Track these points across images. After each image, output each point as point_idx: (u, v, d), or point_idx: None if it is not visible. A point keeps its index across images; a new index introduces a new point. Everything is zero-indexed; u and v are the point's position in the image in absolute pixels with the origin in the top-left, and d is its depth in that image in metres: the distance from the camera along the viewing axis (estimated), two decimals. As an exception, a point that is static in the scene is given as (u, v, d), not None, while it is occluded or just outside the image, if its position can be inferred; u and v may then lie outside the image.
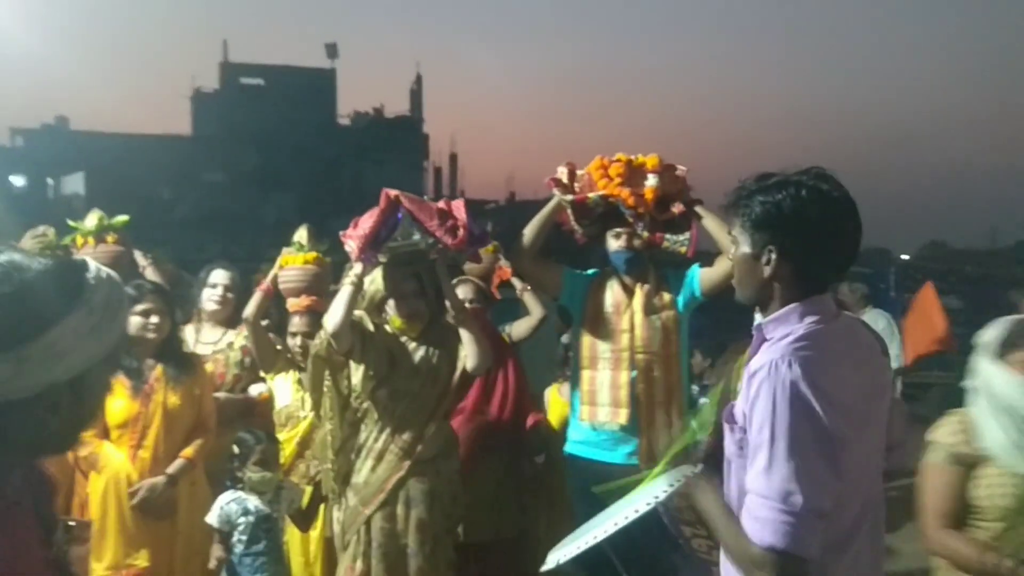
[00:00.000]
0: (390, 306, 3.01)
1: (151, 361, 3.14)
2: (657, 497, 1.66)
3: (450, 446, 3.08)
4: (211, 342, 3.72)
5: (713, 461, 1.71)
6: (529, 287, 3.77)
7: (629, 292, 3.13)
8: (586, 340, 3.13)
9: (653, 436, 3.00)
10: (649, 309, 3.07)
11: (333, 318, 2.86)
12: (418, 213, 2.87)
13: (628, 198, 2.97)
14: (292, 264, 3.53)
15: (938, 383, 8.23)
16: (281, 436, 3.35)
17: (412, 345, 3.02)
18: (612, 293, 3.13)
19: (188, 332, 3.78)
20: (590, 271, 3.27)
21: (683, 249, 3.08)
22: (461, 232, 2.86)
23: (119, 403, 3.06)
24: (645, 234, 3.08)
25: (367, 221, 2.91)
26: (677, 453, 1.78)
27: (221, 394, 3.52)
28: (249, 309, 3.37)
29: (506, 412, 3.55)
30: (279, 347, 3.54)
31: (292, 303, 3.51)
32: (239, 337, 3.67)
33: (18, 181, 27.12)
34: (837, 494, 1.48)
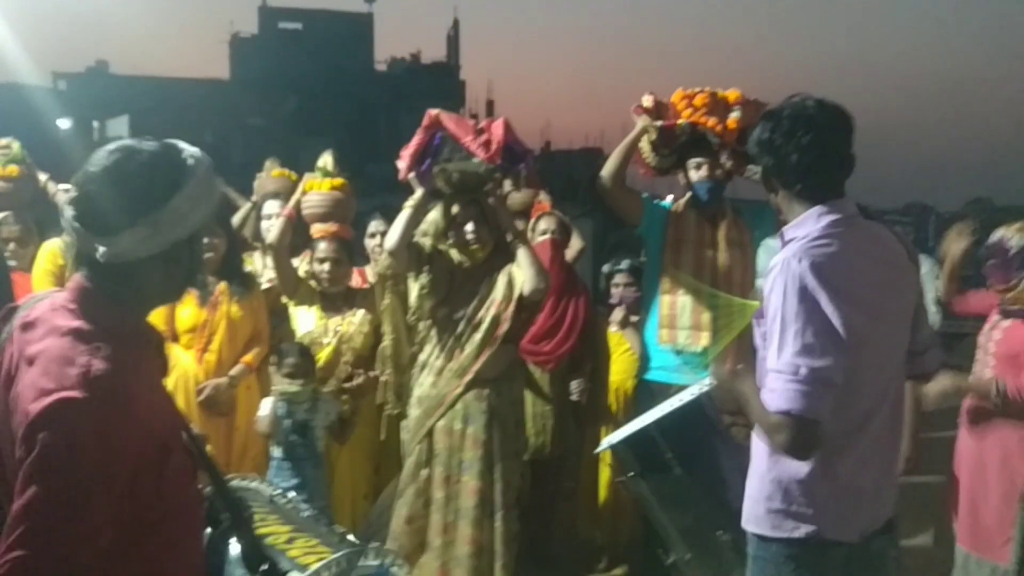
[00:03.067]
0: (454, 232, 3.14)
1: (213, 278, 3.43)
2: (702, 388, 1.87)
3: (513, 371, 3.20)
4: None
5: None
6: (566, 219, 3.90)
7: (711, 223, 3.24)
8: (668, 267, 3.25)
9: (731, 360, 3.15)
10: (730, 241, 3.20)
11: (392, 236, 3.05)
12: (455, 130, 2.99)
13: (716, 126, 3.07)
14: (317, 190, 3.58)
15: (972, 333, 8.26)
16: None
17: (473, 269, 3.15)
18: (694, 223, 3.24)
19: (256, 260, 4.07)
20: (667, 202, 3.38)
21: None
22: (494, 146, 2.96)
23: (187, 311, 3.38)
24: (728, 164, 3.17)
25: (414, 140, 3.07)
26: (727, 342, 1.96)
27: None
28: (272, 235, 3.48)
29: (569, 343, 3.68)
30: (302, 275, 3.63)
31: (317, 228, 3.57)
32: (302, 263, 3.90)
33: (64, 124, 27.59)
34: (846, 371, 1.68)
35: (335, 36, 31.43)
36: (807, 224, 1.78)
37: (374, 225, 3.92)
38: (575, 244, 3.95)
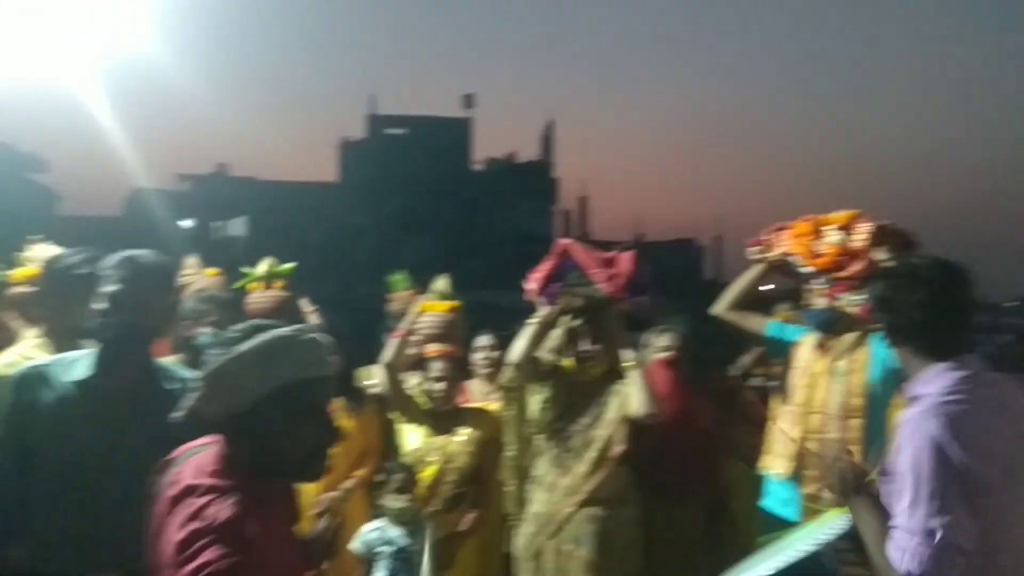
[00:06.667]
0: (572, 347, 3.22)
1: None
2: (822, 539, 1.81)
3: (628, 492, 3.18)
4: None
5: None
6: None
7: (822, 350, 3.07)
8: (778, 393, 3.23)
9: (817, 494, 2.95)
10: (833, 370, 3.00)
11: (516, 350, 3.19)
12: (584, 261, 3.18)
13: (802, 255, 2.99)
14: (432, 311, 3.72)
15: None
16: None
17: (590, 386, 3.22)
18: (807, 350, 3.13)
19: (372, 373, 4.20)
20: (799, 329, 3.24)
21: (855, 310, 2.93)
22: (620, 280, 3.13)
23: None
24: (824, 289, 2.99)
25: (544, 266, 3.26)
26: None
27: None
28: (388, 354, 3.56)
29: (696, 476, 3.53)
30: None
31: (431, 348, 3.66)
32: (415, 380, 3.97)
33: (186, 224, 29.68)
34: (982, 531, 1.62)
35: (436, 140, 33.07)
36: (934, 381, 1.77)
37: (482, 340, 4.01)
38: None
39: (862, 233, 2.93)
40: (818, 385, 3.02)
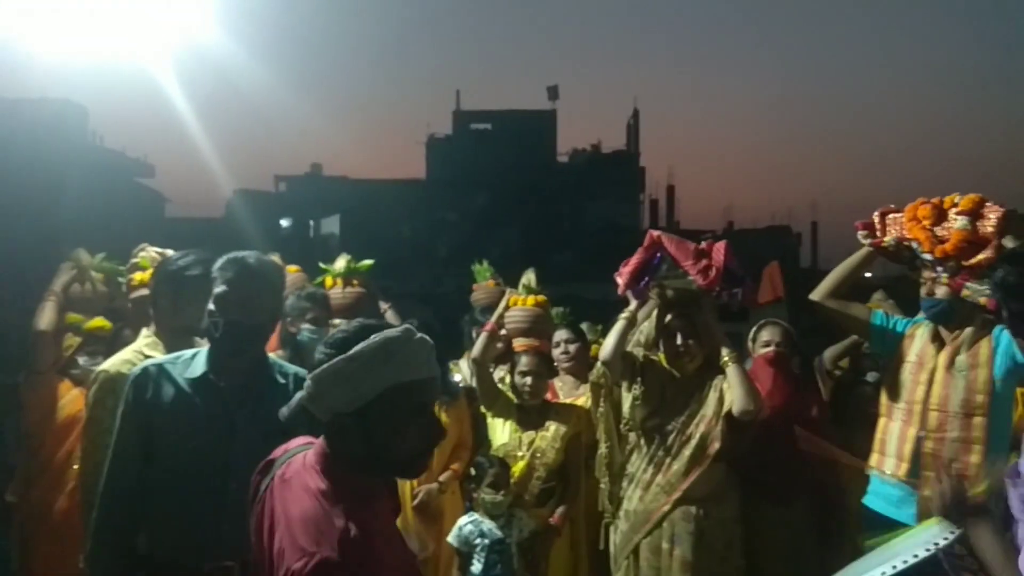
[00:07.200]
0: (665, 342, 3.14)
1: None
2: (938, 543, 1.71)
3: (724, 489, 3.11)
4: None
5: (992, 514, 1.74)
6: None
7: (939, 343, 2.90)
8: (886, 387, 3.04)
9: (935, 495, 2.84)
10: (953, 364, 2.84)
11: (606, 348, 3.12)
12: (675, 253, 3.05)
13: (924, 241, 2.81)
14: (520, 306, 3.73)
15: None
16: None
17: (685, 382, 3.13)
18: (921, 342, 2.96)
19: (463, 367, 4.26)
20: (917, 318, 3.06)
21: (982, 300, 2.72)
22: (712, 273, 2.99)
23: None
24: (943, 279, 2.81)
25: (633, 259, 3.15)
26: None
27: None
28: (477, 349, 3.59)
29: (804, 475, 3.40)
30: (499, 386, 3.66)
31: (519, 343, 3.69)
32: (501, 373, 4.02)
33: (284, 223, 30.83)
34: None
35: (521, 133, 33.22)
36: None
37: (559, 335, 3.98)
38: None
39: (993, 219, 2.71)
40: (936, 380, 2.85)
